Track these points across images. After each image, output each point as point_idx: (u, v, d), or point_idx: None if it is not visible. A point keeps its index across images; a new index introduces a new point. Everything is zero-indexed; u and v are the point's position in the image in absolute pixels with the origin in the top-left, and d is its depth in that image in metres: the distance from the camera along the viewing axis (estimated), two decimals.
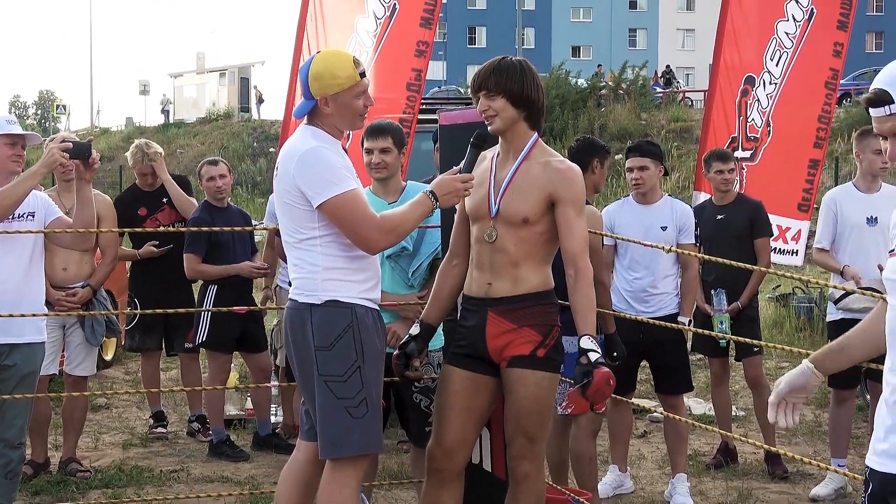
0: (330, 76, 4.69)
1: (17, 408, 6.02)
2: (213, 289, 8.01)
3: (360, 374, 4.62)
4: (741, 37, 9.40)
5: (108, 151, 43.55)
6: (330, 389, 4.62)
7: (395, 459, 7.87)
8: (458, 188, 4.79)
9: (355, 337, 4.63)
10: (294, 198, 4.66)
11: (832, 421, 7.42)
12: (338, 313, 4.64)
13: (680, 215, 7.07)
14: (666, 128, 34.67)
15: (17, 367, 5.99)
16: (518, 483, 4.91)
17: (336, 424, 4.63)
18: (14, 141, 6.06)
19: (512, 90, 4.79)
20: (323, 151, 4.65)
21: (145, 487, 7.30)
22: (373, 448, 4.75)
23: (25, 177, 5.91)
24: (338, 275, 4.67)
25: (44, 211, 6.18)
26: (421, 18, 9.47)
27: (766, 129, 9.34)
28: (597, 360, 4.63)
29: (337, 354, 4.62)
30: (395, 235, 4.75)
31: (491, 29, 77.92)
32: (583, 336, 4.70)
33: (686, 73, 70.72)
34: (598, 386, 4.59)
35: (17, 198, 5.85)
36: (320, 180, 4.59)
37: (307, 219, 4.66)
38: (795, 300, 14.02)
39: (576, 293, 4.77)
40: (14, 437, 6.05)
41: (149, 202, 8.53)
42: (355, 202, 4.61)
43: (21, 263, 6.00)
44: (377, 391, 4.72)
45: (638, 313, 6.84)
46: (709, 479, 7.56)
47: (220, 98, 52.44)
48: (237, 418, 8.99)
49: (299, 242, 4.72)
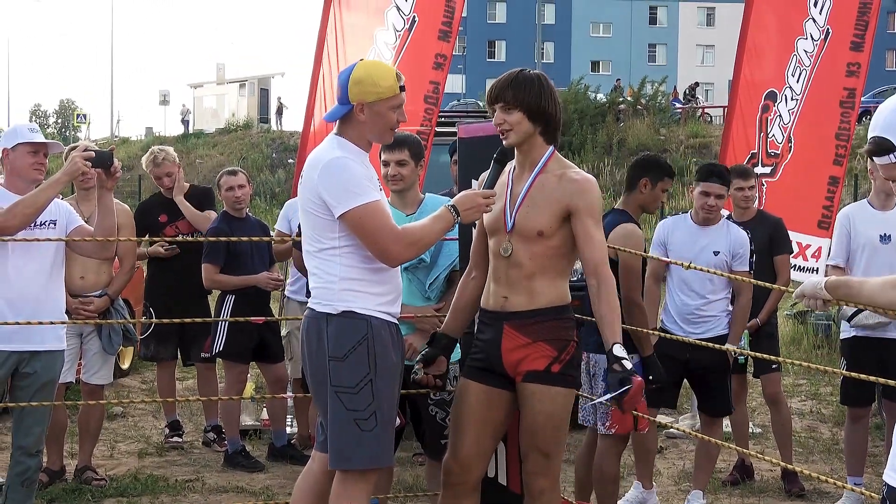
0: (371, 83, 4.71)
1: (36, 416, 6.03)
2: (230, 299, 8.02)
3: (371, 386, 4.62)
4: (762, 52, 9.41)
5: (128, 161, 43.57)
6: (341, 401, 4.62)
7: (409, 472, 7.86)
8: (479, 203, 4.78)
9: (369, 349, 4.62)
10: (316, 206, 4.67)
11: (848, 439, 7.38)
12: (353, 324, 4.64)
13: (734, 241, 6.92)
14: (685, 143, 34.63)
15: (37, 375, 6.00)
16: (533, 499, 4.89)
17: (345, 436, 4.63)
18: (36, 149, 6.08)
19: (529, 104, 4.78)
20: (347, 162, 4.66)
21: (160, 496, 7.31)
22: (381, 462, 4.72)
23: (47, 185, 5.92)
24: (356, 286, 4.66)
25: (65, 219, 6.20)
26: (439, 31, 9.50)
27: (787, 145, 9.33)
28: (632, 369, 4.61)
29: (350, 366, 4.61)
30: (415, 249, 4.74)
31: (510, 43, 77.93)
32: (613, 344, 4.66)
33: (705, 88, 70.60)
34: (634, 393, 4.56)
35: (39, 206, 5.86)
36: (343, 190, 4.59)
37: (328, 228, 4.67)
38: (813, 317, 13.94)
39: (600, 302, 4.74)
40: (31, 445, 6.06)
41: (170, 209, 8.57)
42: (377, 213, 4.61)
43: (42, 271, 6.01)
44: (389, 405, 4.71)
45: (687, 334, 6.77)
46: (725, 496, 7.53)
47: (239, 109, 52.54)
48: (253, 429, 8.99)
49: (319, 252, 4.73)
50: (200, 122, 53.93)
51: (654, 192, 6.47)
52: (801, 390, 11.41)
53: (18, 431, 6.06)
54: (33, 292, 5.95)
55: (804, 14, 9.34)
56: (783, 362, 7.83)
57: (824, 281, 3.71)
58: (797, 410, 10.18)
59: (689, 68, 74.89)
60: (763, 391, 8.11)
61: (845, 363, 7.17)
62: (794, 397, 10.84)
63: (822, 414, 10.26)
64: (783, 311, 13.67)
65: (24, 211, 5.81)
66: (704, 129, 37.11)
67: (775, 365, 7.73)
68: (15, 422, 6.13)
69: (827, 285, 3.67)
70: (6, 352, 5.90)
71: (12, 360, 5.93)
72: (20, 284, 5.90)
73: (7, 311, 5.84)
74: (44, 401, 5.99)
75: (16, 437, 6.09)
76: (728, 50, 16.84)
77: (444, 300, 5.77)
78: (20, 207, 5.80)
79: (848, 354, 7.20)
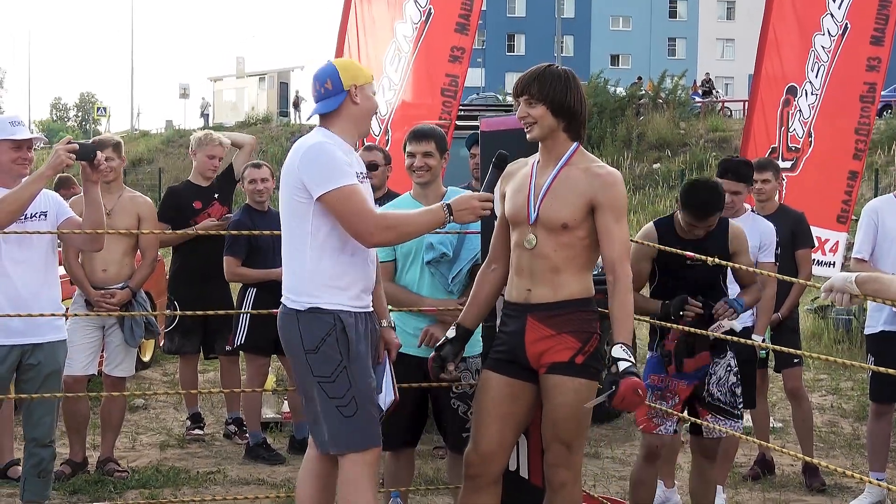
0: (356, 68, 4.94)
1: (45, 406, 6.11)
2: (251, 292, 8.04)
3: (346, 373, 4.74)
4: (783, 47, 9.38)
5: (148, 154, 43.92)
6: (323, 390, 4.76)
7: (430, 465, 7.87)
8: (474, 206, 4.85)
9: (339, 338, 4.74)
10: (296, 191, 4.76)
11: (870, 434, 7.37)
12: (320, 318, 4.75)
13: (761, 232, 6.85)
14: (704, 137, 34.51)
15: (41, 366, 6.07)
16: (555, 491, 4.90)
17: (331, 423, 4.77)
18: (18, 144, 6.09)
19: (554, 99, 4.79)
20: (327, 146, 4.76)
21: (182, 488, 7.34)
22: (370, 443, 4.80)
23: (32, 180, 5.93)
24: (322, 279, 4.76)
25: (55, 210, 6.21)
26: (456, 24, 9.48)
27: (807, 140, 9.31)
28: (626, 370, 4.62)
29: (323, 356, 4.74)
30: (393, 233, 4.83)
31: (530, 36, 77.84)
32: (615, 344, 4.69)
33: (725, 82, 70.40)
34: (623, 395, 4.59)
35: (23, 202, 5.85)
36: (322, 173, 4.69)
37: (302, 215, 4.77)
38: (834, 312, 13.91)
39: (613, 300, 4.76)
40: (43, 436, 6.12)
41: (203, 196, 8.61)
42: (354, 196, 4.70)
43: (37, 263, 6.05)
44: (368, 389, 4.80)
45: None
46: (746, 491, 7.52)
47: (259, 102, 52.72)
48: (273, 421, 9.02)
49: (291, 240, 4.84)
50: (220, 115, 54.13)
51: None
52: (822, 385, 11.38)
53: (29, 424, 6.15)
54: (30, 285, 6.00)
55: (822, 10, 9.32)
56: (805, 356, 7.83)
57: (855, 276, 3.71)
58: (818, 405, 10.15)
59: (708, 62, 74.59)
60: (784, 386, 8.09)
61: (872, 359, 7.14)
62: (814, 392, 10.81)
63: (843, 409, 10.24)
64: (804, 305, 13.63)
65: (9, 208, 5.81)
66: (724, 122, 36.99)
67: (797, 359, 7.71)
68: (25, 415, 6.21)
69: (857, 280, 3.67)
70: (7, 346, 5.98)
71: (15, 353, 6.01)
72: (17, 277, 5.96)
73: (6, 304, 5.90)
74: (51, 391, 6.05)
75: (27, 430, 6.17)
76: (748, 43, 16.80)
77: (466, 294, 5.78)
78: (5, 205, 5.81)
79: (875, 350, 7.17)
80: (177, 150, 43.42)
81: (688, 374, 5.95)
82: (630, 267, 4.83)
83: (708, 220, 5.89)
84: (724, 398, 5.99)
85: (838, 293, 3.80)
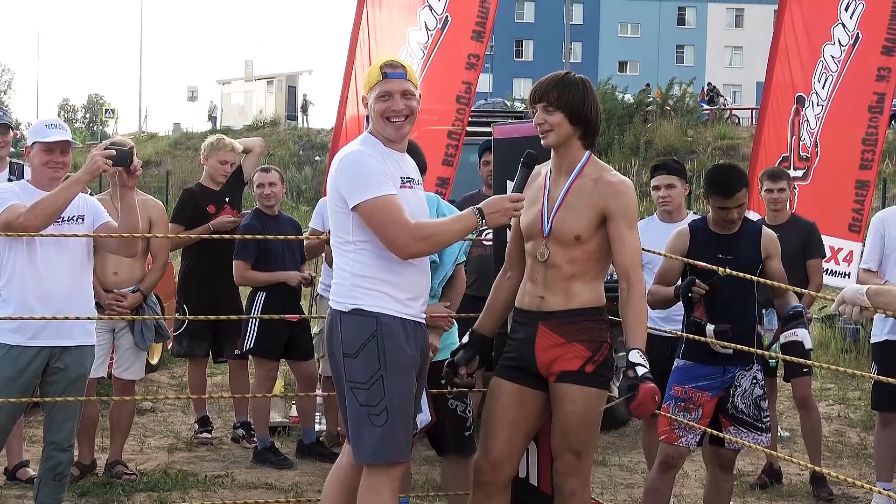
0: (366, 75, 4.90)
1: (67, 411, 6.06)
2: (261, 296, 8.06)
3: (382, 382, 4.63)
4: (793, 56, 9.37)
5: (156, 156, 43.93)
6: (355, 396, 4.67)
7: (439, 471, 7.86)
8: (506, 208, 4.75)
9: (379, 345, 4.64)
10: (337, 200, 4.74)
11: (877, 444, 7.37)
12: (362, 321, 4.67)
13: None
14: (712, 145, 34.56)
15: (68, 370, 6.01)
16: (564, 499, 4.91)
17: (359, 431, 4.68)
18: (49, 147, 6.02)
19: (572, 106, 4.82)
20: (362, 156, 4.72)
21: (190, 492, 7.35)
22: (395, 457, 4.70)
23: (68, 184, 5.86)
24: (366, 283, 4.69)
25: (93, 215, 6.18)
26: (472, 31, 9.49)
27: (814, 150, 9.30)
28: (643, 375, 4.62)
29: (361, 362, 4.65)
30: (429, 244, 4.73)
31: (538, 42, 77.85)
32: (631, 350, 4.69)
33: (733, 90, 70.33)
34: (641, 400, 4.59)
35: (58, 206, 5.80)
36: (356, 183, 4.65)
37: (344, 222, 4.74)
38: (841, 321, 13.90)
39: (627, 307, 4.77)
40: (63, 440, 6.09)
41: (215, 200, 8.63)
42: (389, 206, 4.62)
43: (72, 266, 6.00)
44: (402, 401, 4.69)
45: None
46: (753, 500, 7.53)
47: (267, 106, 52.73)
48: (281, 426, 9.03)
49: (337, 247, 4.81)
50: (228, 118, 54.16)
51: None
52: (829, 394, 11.38)
53: (50, 427, 6.09)
54: (63, 287, 5.94)
55: (833, 19, 9.30)
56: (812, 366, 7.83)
57: (866, 288, 3.71)
58: (825, 415, 10.14)
59: (717, 70, 74.61)
60: (793, 395, 8.09)
61: (876, 367, 7.15)
62: (822, 401, 10.80)
63: (850, 418, 10.24)
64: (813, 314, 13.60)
65: (45, 211, 5.76)
66: (732, 130, 37.02)
67: (806, 369, 7.71)
68: (46, 417, 6.16)
69: (868, 292, 3.68)
70: (36, 347, 5.90)
71: (43, 355, 5.93)
72: (50, 280, 5.90)
73: (37, 306, 5.84)
74: (75, 396, 6.01)
75: (47, 433, 6.12)
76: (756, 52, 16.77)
77: (444, 296, 5.79)
78: (40, 208, 5.75)
79: (879, 359, 7.19)
80: (184, 152, 43.49)
81: (712, 384, 5.92)
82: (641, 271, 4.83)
83: (735, 198, 5.91)
84: (749, 411, 5.96)
85: (848, 305, 3.80)
